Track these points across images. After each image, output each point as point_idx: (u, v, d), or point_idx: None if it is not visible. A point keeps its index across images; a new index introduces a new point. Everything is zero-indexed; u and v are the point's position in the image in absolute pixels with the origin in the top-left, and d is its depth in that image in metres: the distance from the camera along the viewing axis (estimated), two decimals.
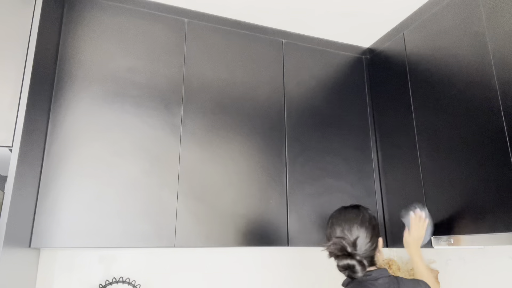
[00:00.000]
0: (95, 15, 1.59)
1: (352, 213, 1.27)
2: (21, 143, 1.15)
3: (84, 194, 1.39)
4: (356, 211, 1.28)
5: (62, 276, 1.57)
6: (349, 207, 1.31)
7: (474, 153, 1.37)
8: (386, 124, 1.87)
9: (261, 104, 1.76)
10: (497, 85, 1.31)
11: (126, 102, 1.53)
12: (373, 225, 1.24)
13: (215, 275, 1.79)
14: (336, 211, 1.32)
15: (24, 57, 1.22)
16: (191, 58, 1.69)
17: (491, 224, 1.27)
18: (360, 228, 1.21)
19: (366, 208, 1.31)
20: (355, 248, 1.19)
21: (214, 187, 1.58)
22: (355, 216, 1.25)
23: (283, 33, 1.90)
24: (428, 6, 1.66)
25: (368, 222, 1.24)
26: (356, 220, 1.23)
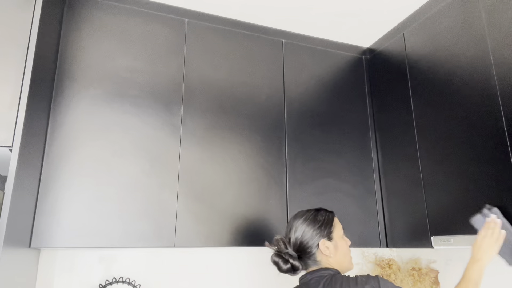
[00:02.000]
0: (95, 15, 1.59)
1: (302, 213, 1.27)
2: (21, 143, 1.15)
3: (84, 194, 1.39)
4: (306, 212, 1.27)
5: (62, 276, 1.57)
6: (309, 209, 1.30)
7: (474, 153, 1.37)
8: (386, 124, 1.87)
9: (261, 104, 1.76)
10: (497, 85, 1.31)
11: (126, 102, 1.53)
12: (319, 226, 1.22)
13: (215, 275, 1.79)
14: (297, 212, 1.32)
15: (24, 57, 1.22)
16: (191, 58, 1.69)
17: None
18: (300, 227, 1.22)
19: (324, 210, 1.28)
20: (289, 247, 1.21)
21: (214, 187, 1.58)
22: (300, 216, 1.26)
23: (283, 33, 1.90)
24: (428, 6, 1.66)
25: (311, 221, 1.23)
26: (299, 219, 1.24)
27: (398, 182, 1.76)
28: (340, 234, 1.27)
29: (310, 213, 1.26)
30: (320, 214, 1.26)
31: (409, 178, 1.67)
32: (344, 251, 1.25)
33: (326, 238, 1.22)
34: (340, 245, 1.24)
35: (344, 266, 1.24)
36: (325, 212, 1.28)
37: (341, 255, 1.23)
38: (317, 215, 1.25)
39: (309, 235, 1.21)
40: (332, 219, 1.27)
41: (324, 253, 1.20)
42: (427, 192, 1.56)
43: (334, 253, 1.21)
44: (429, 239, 1.51)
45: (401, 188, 1.73)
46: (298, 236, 1.22)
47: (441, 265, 1.84)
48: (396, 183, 1.77)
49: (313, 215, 1.25)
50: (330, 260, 1.21)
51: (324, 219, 1.25)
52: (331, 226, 1.25)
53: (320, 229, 1.22)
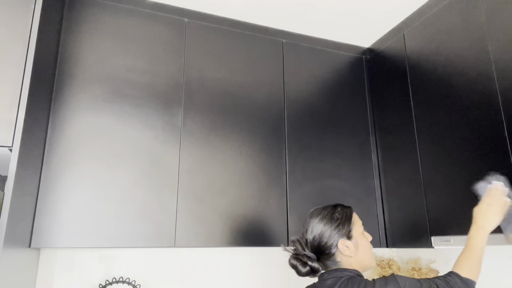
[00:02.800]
0: (95, 15, 1.59)
1: (318, 211, 1.21)
2: (21, 143, 1.15)
3: (84, 194, 1.39)
4: (322, 209, 1.21)
5: (62, 276, 1.57)
6: (325, 206, 1.23)
7: (474, 153, 1.37)
8: (386, 123, 1.87)
9: (261, 104, 1.76)
10: (497, 85, 1.31)
11: (126, 102, 1.53)
12: (337, 225, 1.15)
13: (215, 275, 1.79)
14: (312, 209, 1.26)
15: (24, 57, 1.22)
16: (191, 58, 1.69)
17: None
18: (316, 226, 1.16)
19: (341, 207, 1.21)
20: (306, 248, 1.15)
21: (214, 187, 1.58)
22: (317, 214, 1.19)
23: (283, 33, 1.90)
24: (428, 6, 1.66)
25: (328, 220, 1.16)
26: (315, 218, 1.18)
27: (398, 182, 1.76)
28: (360, 231, 1.19)
29: (326, 211, 1.19)
30: (338, 212, 1.18)
31: (409, 178, 1.67)
32: (365, 249, 1.17)
33: (345, 237, 1.14)
34: (360, 243, 1.16)
35: (366, 265, 1.17)
36: (342, 209, 1.20)
37: (362, 254, 1.16)
38: (334, 213, 1.18)
39: (327, 235, 1.14)
40: (350, 215, 1.20)
41: (344, 253, 1.13)
42: (427, 192, 1.56)
43: (355, 252, 1.14)
44: (429, 239, 1.51)
45: (401, 188, 1.73)
46: (315, 236, 1.15)
47: (441, 265, 1.84)
48: (396, 183, 1.77)
49: (330, 213, 1.18)
50: (350, 260, 1.14)
51: (342, 217, 1.17)
52: (350, 223, 1.17)
53: (338, 228, 1.15)
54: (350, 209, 1.22)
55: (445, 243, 1.44)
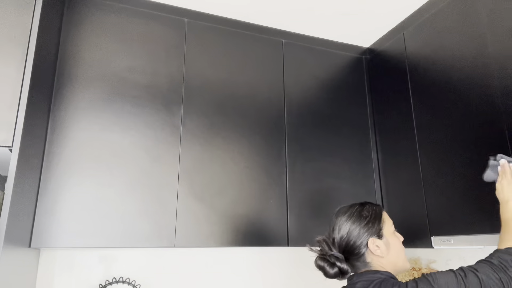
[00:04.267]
0: (95, 15, 1.59)
1: (344, 209, 1.15)
2: (21, 143, 1.15)
3: (84, 194, 1.39)
4: (349, 207, 1.14)
5: (62, 276, 1.57)
6: (352, 204, 1.17)
7: (474, 153, 1.37)
8: (386, 124, 1.87)
9: (261, 104, 1.76)
10: (497, 85, 1.31)
11: (126, 102, 1.53)
12: (366, 223, 1.08)
13: (215, 275, 1.79)
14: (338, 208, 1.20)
15: (24, 57, 1.22)
16: (191, 58, 1.69)
17: (491, 224, 1.27)
18: (344, 225, 1.09)
19: (370, 204, 1.15)
20: (333, 248, 1.08)
21: (214, 187, 1.58)
22: (344, 212, 1.13)
23: (283, 33, 1.90)
24: (428, 6, 1.66)
25: (356, 218, 1.09)
26: (343, 216, 1.12)
27: (398, 182, 1.76)
28: (391, 230, 1.12)
29: (354, 209, 1.12)
30: (366, 209, 1.12)
31: (409, 178, 1.67)
32: (397, 249, 1.10)
33: (376, 236, 1.07)
34: (392, 243, 1.09)
35: (399, 266, 1.10)
36: (371, 206, 1.13)
37: (394, 254, 1.08)
38: (363, 210, 1.11)
39: (355, 234, 1.07)
40: (380, 213, 1.13)
41: (375, 253, 1.06)
42: (427, 192, 1.56)
43: (386, 252, 1.06)
44: (429, 239, 1.51)
45: (401, 188, 1.73)
46: (343, 235, 1.08)
47: (441, 265, 1.84)
48: (396, 183, 1.77)
49: (358, 211, 1.11)
50: (381, 260, 1.06)
51: (371, 214, 1.10)
52: (380, 221, 1.10)
53: (367, 226, 1.08)
54: (379, 207, 1.15)
55: (445, 243, 1.44)
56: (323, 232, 1.72)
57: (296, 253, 1.95)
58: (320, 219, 1.72)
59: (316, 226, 1.70)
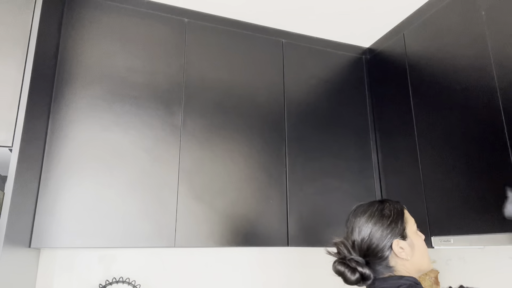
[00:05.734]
0: (95, 15, 1.59)
1: (363, 208, 1.06)
2: (21, 143, 1.15)
3: (84, 194, 1.39)
4: (368, 206, 1.06)
5: (62, 276, 1.57)
6: (370, 202, 1.09)
7: (474, 153, 1.37)
8: (386, 124, 1.87)
9: (261, 104, 1.76)
10: (497, 85, 1.31)
11: (126, 102, 1.53)
12: (389, 223, 1.00)
13: (215, 275, 1.79)
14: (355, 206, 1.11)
15: (24, 57, 1.22)
16: (191, 58, 1.69)
17: (491, 224, 1.27)
18: (365, 226, 1.01)
19: (390, 202, 1.06)
20: (353, 251, 1.01)
21: (214, 187, 1.58)
22: (363, 212, 1.04)
23: (283, 33, 1.90)
24: (428, 6, 1.66)
25: (378, 218, 1.01)
26: (362, 217, 1.03)
27: (398, 182, 1.76)
28: (414, 229, 1.04)
29: (374, 208, 1.04)
30: (387, 208, 1.03)
31: (409, 178, 1.67)
32: (422, 250, 1.02)
33: (400, 237, 0.99)
34: (416, 243, 1.01)
35: (424, 268, 1.02)
36: (392, 204, 1.05)
37: (418, 256, 1.00)
38: (384, 209, 1.03)
39: (378, 236, 0.98)
40: (402, 211, 1.04)
41: (400, 256, 0.98)
42: (427, 192, 1.56)
43: (411, 254, 0.99)
44: (429, 239, 1.51)
45: (401, 188, 1.73)
46: (364, 237, 0.99)
47: (441, 265, 1.84)
48: (396, 183, 1.77)
49: (379, 210, 1.03)
50: (406, 264, 0.98)
51: (393, 213, 1.02)
52: (403, 221, 1.02)
53: (391, 227, 0.99)
54: (400, 204, 1.07)
55: (445, 243, 1.44)
56: (323, 232, 1.73)
57: (296, 253, 1.95)
58: (320, 219, 1.72)
59: (316, 226, 1.70)
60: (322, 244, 1.69)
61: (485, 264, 1.62)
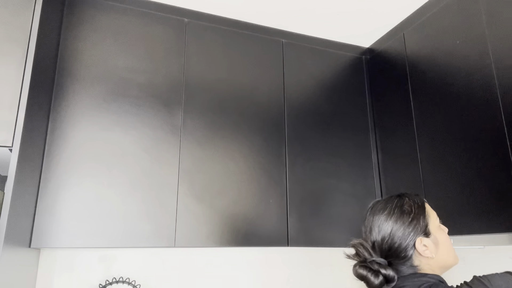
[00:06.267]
0: (95, 15, 1.59)
1: (381, 205, 0.99)
2: (21, 143, 1.15)
3: (84, 194, 1.39)
4: (386, 202, 0.99)
5: (62, 276, 1.57)
6: (387, 197, 1.01)
7: (474, 153, 1.37)
8: (386, 124, 1.87)
9: (261, 104, 1.76)
10: (497, 85, 1.31)
11: (126, 102, 1.53)
12: (410, 220, 0.94)
13: (215, 275, 1.79)
14: (372, 203, 1.05)
15: (24, 57, 1.22)
16: (191, 58, 1.69)
17: (491, 224, 1.27)
18: (384, 224, 0.94)
19: (409, 196, 0.99)
20: (373, 253, 0.95)
21: (214, 187, 1.58)
22: (381, 210, 0.97)
23: (283, 33, 1.90)
24: (428, 6, 1.66)
25: (398, 215, 0.94)
26: (381, 215, 0.96)
27: (398, 182, 1.76)
28: (437, 224, 0.98)
29: (393, 204, 0.97)
30: (407, 203, 0.96)
31: (409, 178, 1.67)
32: (446, 245, 0.96)
33: (423, 235, 0.93)
34: (440, 239, 0.95)
35: (449, 264, 0.96)
36: (411, 199, 0.98)
37: (444, 252, 0.95)
38: (404, 205, 0.96)
39: (400, 235, 0.92)
40: (423, 206, 0.97)
41: (424, 254, 0.92)
42: (427, 191, 1.56)
43: (436, 251, 0.93)
44: None
45: (401, 188, 1.73)
46: (385, 237, 0.93)
47: None
48: (396, 183, 1.77)
49: (398, 206, 0.96)
50: (431, 262, 0.93)
51: (414, 209, 0.95)
52: (425, 216, 0.95)
53: (413, 224, 0.93)
54: (420, 198, 1.00)
55: None
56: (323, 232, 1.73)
57: (296, 253, 1.95)
58: (320, 219, 1.72)
59: (316, 226, 1.70)
60: (322, 244, 1.69)
61: (485, 264, 1.62)
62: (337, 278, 1.98)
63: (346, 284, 1.97)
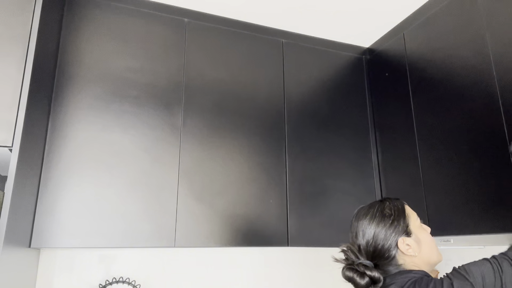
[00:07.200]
0: (95, 15, 1.59)
1: (364, 210, 1.07)
2: (21, 143, 1.15)
3: (84, 194, 1.39)
4: (368, 208, 1.06)
5: (62, 276, 1.57)
6: (370, 203, 1.09)
7: (474, 153, 1.37)
8: (386, 124, 1.87)
9: (261, 104, 1.76)
10: (497, 85, 1.31)
11: (126, 102, 1.53)
12: (391, 222, 1.00)
13: (215, 275, 1.79)
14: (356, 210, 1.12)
15: (24, 57, 1.22)
16: (191, 58, 1.69)
17: (491, 224, 1.27)
18: (368, 228, 1.01)
19: (390, 200, 1.07)
20: (360, 256, 1.01)
21: (214, 187, 1.58)
22: (364, 215, 1.05)
23: (283, 33, 1.90)
24: (428, 6, 1.66)
25: (380, 218, 1.01)
26: (364, 219, 1.04)
27: (398, 182, 1.76)
28: (418, 224, 1.04)
29: (374, 209, 1.04)
30: (388, 207, 1.04)
31: (409, 178, 1.67)
32: (429, 243, 1.02)
33: (404, 235, 1.00)
34: (422, 238, 1.01)
35: (433, 261, 1.02)
36: (391, 202, 1.05)
37: (426, 250, 1.01)
38: (384, 209, 1.03)
39: (382, 236, 0.99)
40: (403, 208, 1.05)
41: (406, 253, 0.98)
42: (427, 192, 1.56)
43: (418, 250, 0.99)
44: None
45: (401, 188, 1.73)
46: (369, 240, 1.00)
47: (441, 265, 1.84)
48: (396, 183, 1.77)
49: (379, 210, 1.03)
50: (415, 260, 0.99)
51: (394, 211, 1.02)
52: (405, 217, 1.02)
53: (393, 226, 1.00)
54: (400, 201, 1.07)
55: (445, 243, 1.44)
56: (323, 232, 1.73)
57: (296, 253, 1.95)
58: (320, 219, 1.72)
59: (316, 226, 1.70)
60: (322, 244, 1.69)
61: None
62: (337, 278, 1.97)
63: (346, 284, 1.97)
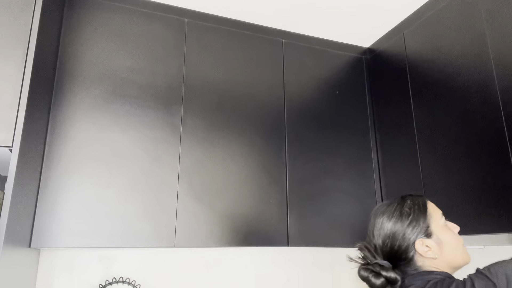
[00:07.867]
0: (95, 15, 1.59)
1: (383, 208, 1.01)
2: (21, 143, 1.15)
3: (84, 194, 1.39)
4: (388, 205, 1.00)
5: (62, 276, 1.57)
6: (391, 200, 1.03)
7: (474, 153, 1.37)
8: (386, 124, 1.87)
9: (261, 104, 1.76)
10: (497, 85, 1.31)
11: (126, 102, 1.53)
12: (409, 222, 0.94)
13: (215, 275, 1.79)
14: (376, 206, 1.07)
15: (24, 57, 1.22)
16: (191, 58, 1.69)
17: (491, 224, 1.27)
18: (384, 227, 0.96)
19: (412, 198, 1.00)
20: (377, 255, 0.96)
21: (214, 187, 1.58)
22: (382, 212, 0.99)
23: (283, 33, 1.90)
24: (428, 6, 1.66)
25: (398, 217, 0.96)
26: (381, 217, 0.98)
27: (398, 182, 1.76)
28: (441, 224, 0.97)
29: (393, 207, 0.98)
30: (407, 205, 0.97)
31: (409, 178, 1.67)
32: (453, 245, 0.95)
33: (424, 235, 0.93)
34: (444, 239, 0.94)
35: (457, 264, 0.95)
36: (412, 200, 0.99)
37: (449, 252, 0.93)
38: (404, 207, 0.97)
39: (399, 237, 0.93)
40: (424, 206, 0.98)
41: (425, 255, 0.92)
42: (427, 192, 1.56)
43: (439, 252, 0.92)
44: None
45: (401, 188, 1.73)
46: (385, 240, 0.95)
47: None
48: (396, 183, 1.77)
49: (398, 209, 0.97)
50: (435, 262, 0.93)
51: (414, 210, 0.96)
52: (426, 216, 0.95)
53: (412, 225, 0.94)
54: (422, 199, 1.00)
55: None
56: (323, 232, 1.73)
57: (296, 253, 1.95)
58: (320, 219, 1.72)
59: (316, 226, 1.70)
60: (322, 244, 1.69)
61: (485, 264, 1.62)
62: (337, 278, 1.98)
63: (346, 284, 1.97)
